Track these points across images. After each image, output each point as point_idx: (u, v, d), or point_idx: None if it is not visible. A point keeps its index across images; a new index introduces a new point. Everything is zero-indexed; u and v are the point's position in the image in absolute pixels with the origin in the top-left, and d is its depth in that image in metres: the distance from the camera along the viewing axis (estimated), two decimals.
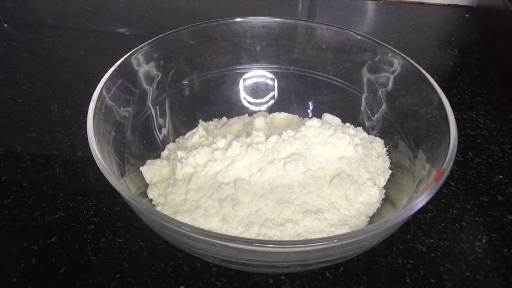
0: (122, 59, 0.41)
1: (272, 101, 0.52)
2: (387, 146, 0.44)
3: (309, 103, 0.51)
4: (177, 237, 0.31)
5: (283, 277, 0.36)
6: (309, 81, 0.49)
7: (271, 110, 0.51)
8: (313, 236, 0.36)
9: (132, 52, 0.42)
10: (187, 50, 0.48)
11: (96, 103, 0.36)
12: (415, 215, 0.41)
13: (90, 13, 0.75)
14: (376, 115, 0.46)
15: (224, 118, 0.50)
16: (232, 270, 0.37)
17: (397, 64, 0.43)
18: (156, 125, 0.45)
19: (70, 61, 0.63)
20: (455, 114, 0.35)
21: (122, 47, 0.66)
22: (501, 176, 0.46)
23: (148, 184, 0.41)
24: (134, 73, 0.43)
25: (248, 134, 0.42)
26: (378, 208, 0.40)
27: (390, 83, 0.44)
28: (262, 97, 0.52)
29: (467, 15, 0.75)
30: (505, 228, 0.41)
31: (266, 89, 0.51)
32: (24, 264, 0.37)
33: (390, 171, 0.42)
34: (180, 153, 0.41)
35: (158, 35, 0.45)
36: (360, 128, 0.46)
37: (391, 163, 0.43)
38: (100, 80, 0.38)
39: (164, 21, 0.73)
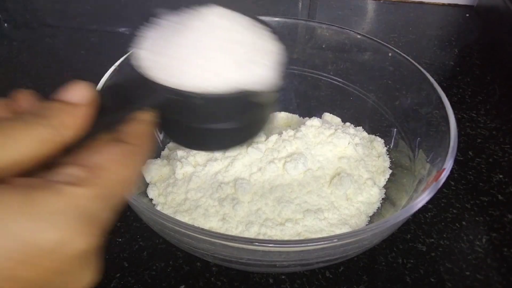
0: (122, 58, 0.41)
1: None
2: (387, 146, 0.44)
3: (309, 102, 0.51)
4: (177, 237, 0.31)
5: (283, 277, 0.36)
6: (309, 81, 0.49)
7: None
8: (313, 236, 0.36)
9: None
10: None
11: None
12: (415, 214, 0.41)
13: (90, 12, 0.75)
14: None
15: None
16: (232, 270, 0.37)
17: (397, 63, 0.43)
18: None
19: (70, 60, 0.63)
20: (455, 114, 0.35)
21: (122, 47, 0.66)
22: (501, 176, 0.45)
23: (148, 184, 0.41)
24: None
25: None
26: (378, 207, 0.40)
27: (390, 82, 0.44)
28: None
29: (467, 15, 0.75)
30: (505, 228, 0.41)
31: None
32: None
33: (390, 171, 0.42)
34: (180, 153, 0.41)
35: None
36: (360, 128, 0.46)
37: (391, 162, 0.43)
38: (100, 79, 0.38)
39: None
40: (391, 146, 0.44)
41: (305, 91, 0.50)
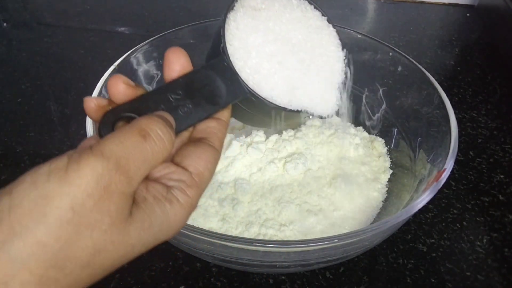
0: (121, 58, 0.41)
1: None
2: (388, 146, 0.44)
3: None
4: (176, 237, 0.31)
5: (283, 277, 0.36)
6: None
7: None
8: (313, 236, 0.36)
9: (131, 51, 0.42)
10: (187, 49, 0.47)
11: None
12: (416, 214, 0.41)
13: (90, 12, 0.75)
14: (376, 115, 0.46)
15: None
16: (232, 270, 0.36)
17: (397, 63, 0.43)
18: None
19: (70, 60, 0.63)
20: (456, 114, 0.35)
21: (122, 46, 0.66)
22: (502, 176, 0.45)
23: None
24: (133, 72, 0.43)
25: (248, 134, 0.42)
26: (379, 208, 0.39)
27: (391, 82, 0.44)
28: None
29: (468, 14, 0.75)
30: (506, 228, 0.40)
31: None
32: None
33: (391, 171, 0.42)
34: None
35: (157, 34, 0.44)
36: (360, 128, 0.46)
37: (392, 162, 0.43)
38: (99, 79, 0.38)
39: (163, 20, 0.73)
40: (392, 146, 0.44)
41: None
